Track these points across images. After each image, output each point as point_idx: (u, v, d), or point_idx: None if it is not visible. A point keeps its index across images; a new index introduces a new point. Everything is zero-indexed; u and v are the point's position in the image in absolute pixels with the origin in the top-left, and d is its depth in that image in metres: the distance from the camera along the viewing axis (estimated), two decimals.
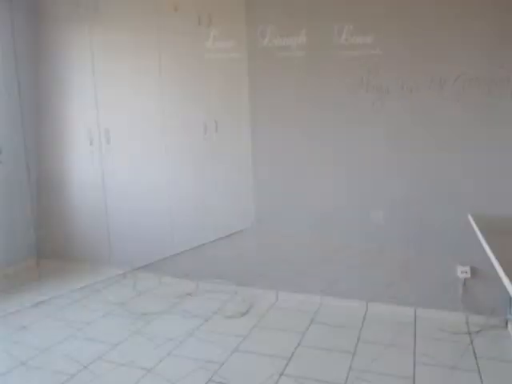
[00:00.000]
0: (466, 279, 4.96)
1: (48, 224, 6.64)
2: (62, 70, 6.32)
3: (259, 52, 5.39)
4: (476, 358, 4.28)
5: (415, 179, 5.01)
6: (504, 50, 4.55)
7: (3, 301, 5.48)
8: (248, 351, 4.38)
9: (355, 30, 5.04)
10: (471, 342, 4.57)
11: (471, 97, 4.75)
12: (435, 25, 4.79)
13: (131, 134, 6.07)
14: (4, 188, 6.26)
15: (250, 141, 5.49)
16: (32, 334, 4.67)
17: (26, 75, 6.41)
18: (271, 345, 4.51)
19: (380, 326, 4.94)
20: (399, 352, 4.39)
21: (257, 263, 5.67)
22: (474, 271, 4.93)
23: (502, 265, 2.30)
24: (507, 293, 4.44)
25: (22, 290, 5.73)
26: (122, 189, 6.18)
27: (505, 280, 2.14)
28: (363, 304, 5.32)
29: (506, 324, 4.86)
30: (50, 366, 4.05)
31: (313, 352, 4.38)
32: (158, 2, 5.77)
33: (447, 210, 4.93)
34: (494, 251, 2.58)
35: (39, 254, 6.74)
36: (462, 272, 4.94)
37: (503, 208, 4.72)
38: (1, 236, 6.24)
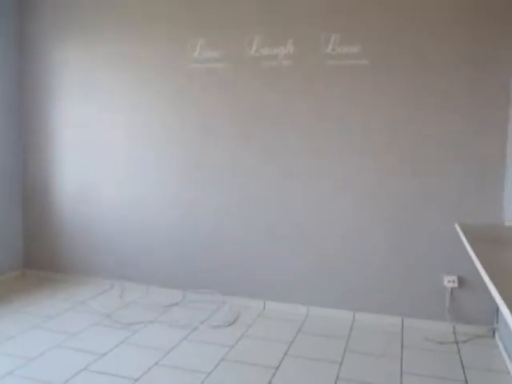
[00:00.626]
0: (452, 289, 4.97)
1: (35, 234, 6.61)
2: (49, 76, 6.33)
3: (246, 61, 5.43)
4: (463, 367, 4.28)
5: (402, 189, 5.03)
6: None
7: None
8: (235, 361, 4.36)
9: (342, 40, 5.08)
10: (458, 352, 4.58)
11: (457, 103, 4.82)
12: (423, 34, 4.85)
13: (118, 144, 6.07)
14: None
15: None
16: (19, 343, 4.62)
17: (12, 82, 6.41)
18: (258, 354, 4.49)
19: (367, 335, 4.94)
20: (386, 362, 4.39)
21: (244, 273, 5.67)
22: (461, 281, 4.94)
23: (488, 274, 2.30)
24: (494, 302, 4.46)
25: (8, 301, 5.68)
26: (108, 199, 6.17)
27: (492, 289, 2.15)
28: (350, 314, 5.33)
29: (494, 333, 4.87)
30: (37, 376, 4.01)
31: (300, 362, 4.37)
32: (143, 14, 5.81)
33: (434, 219, 4.96)
34: (480, 260, 2.58)
35: (26, 264, 6.70)
36: (449, 281, 4.95)
37: (490, 216, 4.76)
38: None
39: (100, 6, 6.00)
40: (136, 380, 3.98)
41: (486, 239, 3.32)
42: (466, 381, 4.05)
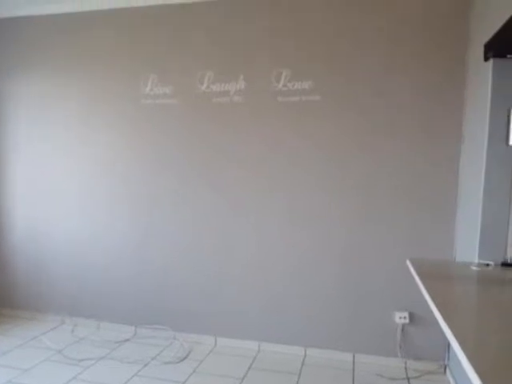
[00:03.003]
0: (404, 325, 5.00)
1: None
2: None
3: (197, 97, 5.45)
4: None
5: (353, 225, 5.07)
6: None
7: None
8: None
9: (293, 76, 5.12)
10: None
11: (409, 138, 4.88)
12: (375, 68, 4.92)
13: (70, 180, 6.02)
14: None
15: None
16: None
17: None
18: None
19: (318, 371, 4.93)
20: None
21: (195, 309, 5.64)
22: (412, 317, 4.98)
23: (439, 310, 2.33)
24: (446, 338, 4.50)
25: None
26: (59, 236, 6.10)
27: (443, 325, 2.17)
28: (301, 349, 5.32)
29: (445, 370, 4.90)
30: None
31: None
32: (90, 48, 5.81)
33: (385, 255, 5.00)
34: (431, 296, 2.60)
35: None
36: (401, 317, 4.98)
37: (441, 252, 4.81)
38: None
39: (51, 42, 5.97)
40: None
41: (437, 275, 3.36)
42: None
